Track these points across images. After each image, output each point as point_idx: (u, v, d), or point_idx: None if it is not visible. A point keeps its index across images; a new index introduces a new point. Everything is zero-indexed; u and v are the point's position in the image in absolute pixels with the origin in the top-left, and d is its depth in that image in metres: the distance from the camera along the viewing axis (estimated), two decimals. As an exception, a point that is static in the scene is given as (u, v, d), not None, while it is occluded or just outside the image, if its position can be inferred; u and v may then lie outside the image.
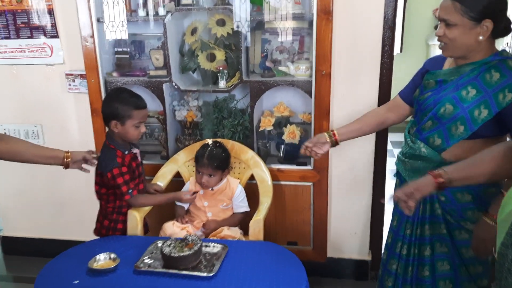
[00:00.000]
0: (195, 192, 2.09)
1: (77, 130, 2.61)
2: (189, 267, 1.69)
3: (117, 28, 2.40)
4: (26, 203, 2.82)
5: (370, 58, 2.22)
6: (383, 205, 2.52)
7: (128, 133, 1.94)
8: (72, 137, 2.63)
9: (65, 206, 2.77)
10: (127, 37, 2.35)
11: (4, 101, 2.64)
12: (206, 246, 1.82)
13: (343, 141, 1.93)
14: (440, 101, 1.59)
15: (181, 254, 1.68)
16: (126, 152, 1.99)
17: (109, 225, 2.05)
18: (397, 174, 1.88)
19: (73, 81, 2.49)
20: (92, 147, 2.12)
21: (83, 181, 2.10)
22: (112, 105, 1.93)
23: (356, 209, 2.47)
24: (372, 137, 2.32)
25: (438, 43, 1.61)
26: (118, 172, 1.93)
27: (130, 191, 1.95)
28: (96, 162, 1.89)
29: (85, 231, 2.23)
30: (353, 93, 2.28)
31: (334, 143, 1.91)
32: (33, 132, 2.64)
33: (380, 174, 2.42)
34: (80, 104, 2.54)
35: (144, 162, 2.50)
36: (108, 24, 2.34)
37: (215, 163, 2.11)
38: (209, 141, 2.20)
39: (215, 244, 1.83)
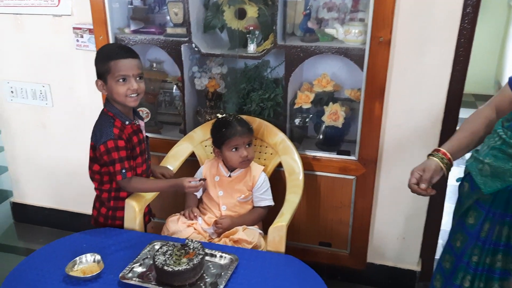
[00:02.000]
0: (202, 179, 1.67)
1: (87, 92, 2.28)
2: (186, 284, 1.35)
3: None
4: (37, 169, 2.58)
5: (445, 22, 1.70)
6: (442, 205, 2.05)
7: (114, 91, 1.59)
8: (81, 100, 2.31)
9: (77, 177, 2.50)
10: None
11: (9, 56, 2.35)
12: (211, 255, 1.47)
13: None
14: None
15: (176, 269, 1.33)
16: (127, 123, 1.63)
17: (107, 213, 1.72)
18: (466, 178, 1.40)
19: (81, 36, 2.14)
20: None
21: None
22: (95, 65, 1.64)
23: (408, 211, 2.01)
24: (437, 123, 1.82)
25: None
26: (113, 145, 1.57)
27: (123, 171, 1.59)
28: None
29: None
30: (418, 68, 1.77)
31: (450, 168, 1.38)
32: (41, 93, 2.34)
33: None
34: (90, 63, 2.13)
35: (159, 136, 2.17)
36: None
37: (249, 125, 1.80)
38: (220, 115, 1.83)
39: (224, 254, 1.47)
